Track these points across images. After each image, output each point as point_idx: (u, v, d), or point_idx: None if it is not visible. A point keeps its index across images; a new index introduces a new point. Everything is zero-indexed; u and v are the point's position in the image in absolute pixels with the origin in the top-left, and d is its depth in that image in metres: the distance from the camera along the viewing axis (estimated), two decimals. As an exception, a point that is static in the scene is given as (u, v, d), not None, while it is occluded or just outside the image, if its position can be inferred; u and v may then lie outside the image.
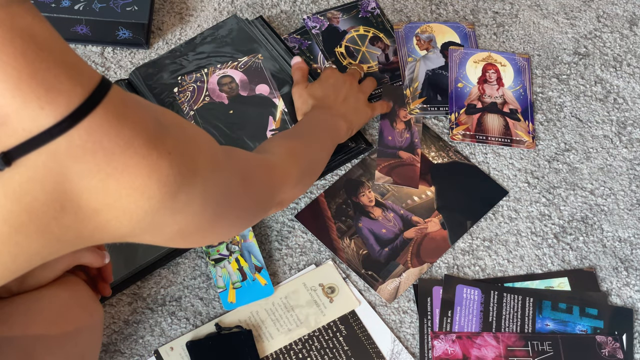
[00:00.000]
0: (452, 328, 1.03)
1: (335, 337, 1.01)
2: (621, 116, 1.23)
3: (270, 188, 0.83)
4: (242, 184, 0.74)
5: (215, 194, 0.66)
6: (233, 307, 1.02)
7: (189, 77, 1.16)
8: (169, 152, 0.58)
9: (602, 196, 1.16)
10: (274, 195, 0.85)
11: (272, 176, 0.84)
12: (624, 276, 1.09)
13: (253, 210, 0.81)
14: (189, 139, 0.62)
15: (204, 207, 0.64)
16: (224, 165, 0.69)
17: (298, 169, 0.91)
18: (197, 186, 0.62)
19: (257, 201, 0.80)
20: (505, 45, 1.29)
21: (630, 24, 1.33)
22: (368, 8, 1.31)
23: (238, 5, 1.30)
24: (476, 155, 1.18)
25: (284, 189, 0.87)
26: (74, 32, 1.20)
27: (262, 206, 0.83)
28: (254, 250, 1.05)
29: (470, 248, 1.10)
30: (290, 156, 0.91)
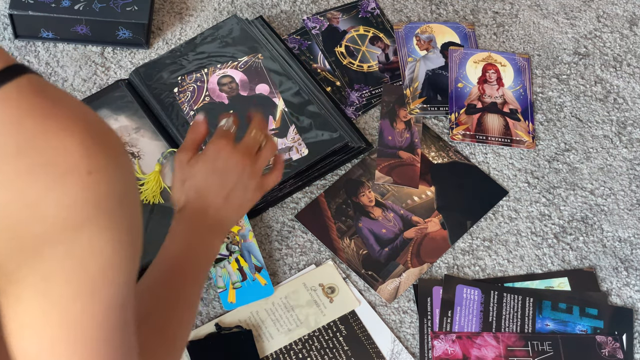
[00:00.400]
0: (452, 328, 1.03)
1: (335, 337, 1.01)
2: (621, 116, 1.23)
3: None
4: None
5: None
6: (233, 307, 1.02)
7: (189, 77, 1.16)
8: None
9: (602, 196, 1.16)
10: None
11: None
12: (624, 276, 1.09)
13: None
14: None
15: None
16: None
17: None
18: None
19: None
20: (505, 45, 1.30)
21: (630, 24, 1.33)
22: (368, 8, 1.31)
23: (238, 5, 1.30)
24: (476, 155, 1.18)
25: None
26: (74, 32, 1.20)
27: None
28: (254, 250, 1.05)
29: (470, 248, 1.10)
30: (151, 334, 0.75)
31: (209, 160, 0.90)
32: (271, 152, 0.95)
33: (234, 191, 0.90)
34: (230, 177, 0.90)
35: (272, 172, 0.95)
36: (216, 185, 0.89)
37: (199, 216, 0.88)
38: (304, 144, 1.12)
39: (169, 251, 0.86)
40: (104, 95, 1.15)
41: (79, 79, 1.19)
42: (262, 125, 0.95)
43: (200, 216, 0.88)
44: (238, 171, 0.90)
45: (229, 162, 0.90)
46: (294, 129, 1.13)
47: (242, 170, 0.90)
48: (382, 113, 1.20)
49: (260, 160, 0.93)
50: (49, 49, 1.22)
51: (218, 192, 0.89)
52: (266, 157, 0.94)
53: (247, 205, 0.92)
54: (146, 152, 1.11)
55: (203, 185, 0.89)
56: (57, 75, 1.20)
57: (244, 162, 0.90)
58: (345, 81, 1.23)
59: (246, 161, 0.91)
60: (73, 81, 1.19)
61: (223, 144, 0.91)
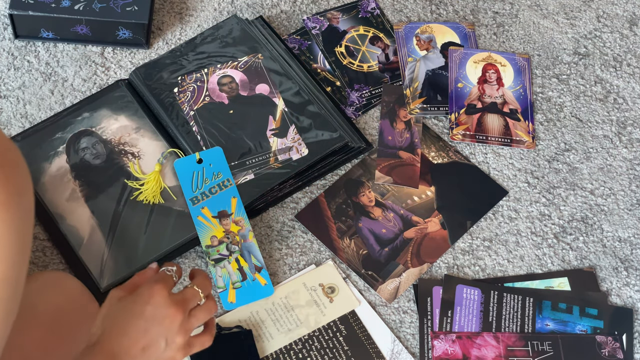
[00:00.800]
0: (452, 328, 1.03)
1: (335, 337, 1.01)
2: (621, 116, 1.23)
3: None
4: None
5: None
6: (233, 307, 1.02)
7: (189, 77, 1.16)
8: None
9: (602, 196, 1.16)
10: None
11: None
12: (624, 276, 1.09)
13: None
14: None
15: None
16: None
17: None
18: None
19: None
20: (505, 45, 1.30)
21: (630, 24, 1.33)
22: (368, 8, 1.31)
23: (238, 5, 1.30)
24: (476, 155, 1.18)
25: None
26: (74, 32, 1.20)
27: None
28: (254, 250, 1.05)
29: (470, 248, 1.10)
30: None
31: (137, 301, 0.81)
32: (208, 313, 0.87)
33: (154, 343, 0.80)
34: (154, 326, 0.80)
35: (203, 334, 0.88)
36: (137, 330, 0.80)
37: (107, 359, 0.78)
38: (304, 144, 1.12)
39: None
40: (104, 95, 1.15)
41: (79, 79, 1.19)
42: (205, 283, 0.87)
43: (107, 357, 0.78)
44: (166, 322, 0.81)
45: (158, 310, 0.81)
46: (294, 129, 1.13)
47: (170, 323, 0.81)
48: (382, 113, 1.20)
49: (194, 319, 0.85)
50: (49, 49, 1.22)
51: (137, 338, 0.80)
52: (201, 317, 0.86)
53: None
54: (146, 152, 1.11)
55: (122, 326, 0.80)
56: (57, 75, 1.20)
57: (174, 315, 0.81)
58: (345, 81, 1.23)
59: (177, 314, 0.82)
60: (73, 81, 1.19)
61: (157, 290, 0.82)
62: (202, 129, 1.12)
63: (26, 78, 1.19)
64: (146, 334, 0.80)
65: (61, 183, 1.08)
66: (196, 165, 1.08)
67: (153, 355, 0.81)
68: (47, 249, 1.05)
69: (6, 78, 1.19)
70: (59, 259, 1.04)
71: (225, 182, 1.08)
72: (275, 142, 1.12)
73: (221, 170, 1.08)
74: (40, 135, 1.11)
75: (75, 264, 1.03)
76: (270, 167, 1.10)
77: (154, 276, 0.86)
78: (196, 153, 1.09)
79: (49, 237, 1.06)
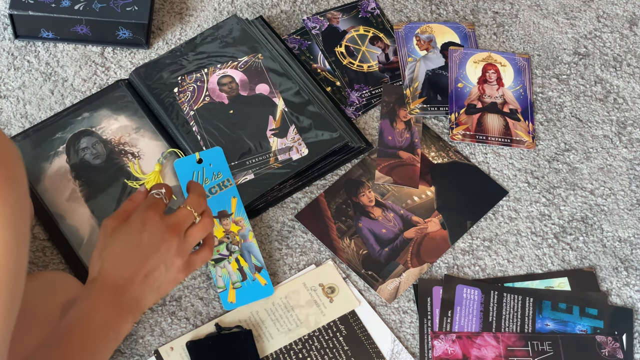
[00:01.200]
0: (452, 328, 1.03)
1: (335, 337, 1.01)
2: (621, 116, 1.23)
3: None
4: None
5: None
6: (233, 307, 1.02)
7: (189, 77, 1.16)
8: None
9: (602, 196, 1.16)
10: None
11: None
12: (624, 276, 1.09)
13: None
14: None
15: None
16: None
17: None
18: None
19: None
20: (505, 45, 1.30)
21: (630, 24, 1.33)
22: (368, 8, 1.31)
23: (238, 5, 1.30)
24: (476, 155, 1.18)
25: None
26: (74, 32, 1.20)
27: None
28: (254, 250, 1.05)
29: (470, 248, 1.10)
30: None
31: (132, 231, 0.82)
32: (204, 231, 0.87)
33: (155, 269, 0.81)
34: (152, 253, 0.81)
35: (201, 250, 0.88)
36: (136, 259, 0.81)
37: (110, 291, 0.79)
38: (304, 144, 1.12)
39: (63, 327, 0.76)
40: (104, 95, 1.15)
41: (79, 79, 1.19)
42: (199, 200, 0.87)
43: (112, 292, 0.79)
44: (163, 248, 0.82)
45: (154, 237, 0.81)
46: (294, 129, 1.13)
47: (167, 248, 0.82)
48: (382, 113, 1.20)
49: (190, 239, 0.85)
50: (49, 49, 1.22)
51: (137, 267, 0.80)
52: (197, 236, 0.86)
53: (169, 287, 0.84)
54: (146, 152, 1.11)
55: (121, 258, 0.81)
56: (57, 75, 1.20)
57: (170, 239, 0.82)
58: (345, 81, 1.23)
59: (173, 238, 0.82)
60: (73, 81, 1.19)
61: (150, 216, 0.82)
62: (202, 129, 1.12)
63: (26, 78, 1.19)
64: (145, 262, 0.81)
65: (61, 183, 1.08)
66: (196, 165, 1.08)
67: (156, 281, 0.82)
68: (47, 249, 1.05)
69: (6, 78, 1.19)
70: (59, 259, 1.04)
71: (225, 182, 1.08)
72: (275, 142, 1.12)
73: (221, 170, 1.08)
74: (40, 135, 1.11)
75: (75, 264, 1.03)
76: (270, 167, 1.10)
77: (144, 202, 0.85)
78: (196, 153, 1.09)
79: (49, 237, 1.06)
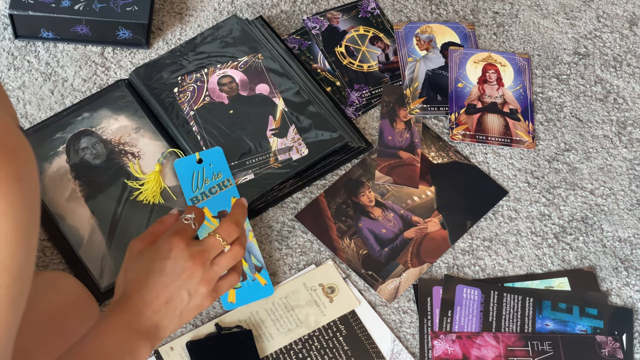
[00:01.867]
0: (452, 328, 1.03)
1: (335, 337, 1.01)
2: (621, 116, 1.23)
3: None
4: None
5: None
6: (233, 307, 1.02)
7: (189, 77, 1.16)
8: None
9: (602, 196, 1.16)
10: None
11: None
12: (624, 276, 1.09)
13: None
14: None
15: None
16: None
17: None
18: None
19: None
20: (505, 45, 1.30)
21: (630, 24, 1.33)
22: (368, 8, 1.31)
23: (238, 5, 1.30)
24: (476, 155, 1.18)
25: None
26: (74, 32, 1.20)
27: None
28: (254, 250, 1.05)
29: (470, 248, 1.10)
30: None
31: (157, 257, 0.81)
32: (233, 260, 0.85)
33: (176, 296, 0.80)
34: (174, 280, 0.80)
35: (228, 275, 0.86)
36: (159, 285, 0.80)
37: (129, 314, 0.78)
38: (304, 144, 1.12)
39: (79, 345, 0.75)
40: (104, 95, 1.15)
41: (79, 79, 1.19)
42: (231, 229, 0.85)
43: (131, 315, 0.78)
44: (185, 276, 0.80)
45: (177, 264, 0.80)
46: (294, 129, 1.13)
47: (189, 276, 0.81)
48: (382, 113, 1.20)
49: (217, 268, 0.83)
50: (49, 49, 1.22)
51: (159, 293, 0.79)
52: (224, 266, 0.84)
53: (191, 314, 0.82)
54: (146, 152, 1.11)
55: (144, 282, 0.80)
56: (57, 75, 1.20)
57: (193, 267, 0.81)
58: (345, 81, 1.23)
59: (197, 267, 0.81)
60: (73, 81, 1.19)
61: (176, 242, 0.81)
62: (202, 129, 1.12)
63: (26, 78, 1.19)
64: (167, 289, 0.80)
65: (61, 183, 1.08)
66: (196, 165, 1.08)
67: (177, 307, 0.81)
68: (47, 249, 1.05)
69: (6, 78, 1.19)
70: (59, 259, 1.04)
71: (225, 182, 1.08)
72: (275, 142, 1.12)
73: (221, 170, 1.08)
74: (40, 135, 1.11)
75: (75, 264, 1.03)
76: (270, 167, 1.10)
77: (172, 226, 0.84)
78: (196, 153, 1.09)
79: (49, 237, 1.06)
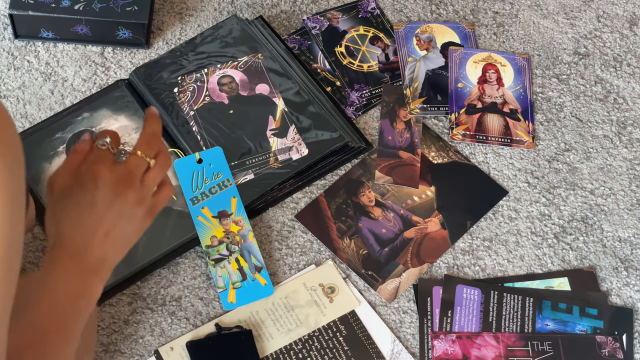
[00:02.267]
0: (452, 328, 1.03)
1: (335, 337, 1.01)
2: (621, 116, 1.23)
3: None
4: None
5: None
6: (233, 307, 1.02)
7: (189, 77, 1.16)
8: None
9: (602, 196, 1.16)
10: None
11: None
12: (624, 276, 1.09)
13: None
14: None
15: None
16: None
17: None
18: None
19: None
20: (505, 45, 1.30)
21: (630, 24, 1.33)
22: (368, 8, 1.31)
23: (238, 5, 1.30)
24: (476, 155, 1.18)
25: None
26: (74, 32, 1.20)
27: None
28: (254, 250, 1.05)
29: (470, 248, 1.10)
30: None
31: (84, 189, 0.75)
32: (161, 171, 0.81)
33: (116, 225, 0.76)
34: (108, 210, 0.75)
35: (160, 190, 0.82)
36: (94, 218, 0.75)
37: (71, 258, 0.74)
38: (304, 144, 1.12)
39: (31, 304, 0.72)
40: (104, 95, 1.15)
41: (79, 79, 1.19)
42: (150, 141, 0.80)
43: (73, 258, 0.74)
44: (117, 203, 0.76)
45: (108, 192, 0.75)
46: (294, 129, 1.13)
47: (122, 202, 0.76)
48: (382, 113, 1.20)
49: (147, 185, 0.79)
50: (49, 49, 1.22)
51: (96, 227, 0.75)
52: (155, 179, 0.80)
53: (133, 238, 0.79)
54: (146, 152, 1.11)
55: (77, 220, 0.75)
56: (57, 75, 1.20)
57: (124, 192, 0.76)
58: (345, 81, 1.23)
59: (127, 190, 0.76)
60: (73, 81, 1.19)
61: (99, 170, 0.76)
62: (202, 129, 1.12)
63: (26, 78, 1.19)
64: (103, 220, 0.75)
65: (61, 183, 1.08)
66: (196, 165, 1.08)
67: (118, 237, 0.77)
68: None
69: (6, 78, 1.19)
70: (59, 259, 1.04)
71: (225, 182, 1.08)
72: (275, 142, 1.12)
73: (221, 170, 1.08)
74: (40, 135, 1.11)
75: (75, 264, 1.03)
76: (270, 167, 1.10)
77: (90, 154, 0.78)
78: (196, 153, 1.09)
79: (49, 237, 1.05)
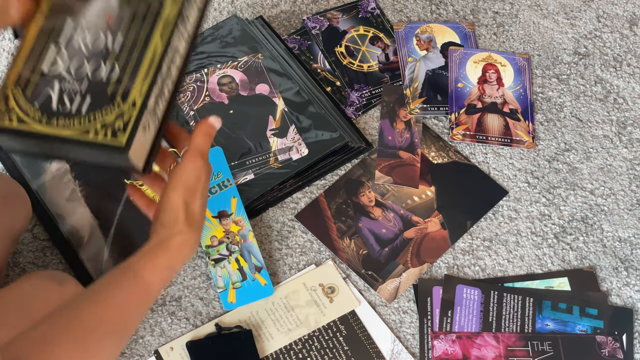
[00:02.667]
0: (452, 328, 1.03)
1: (335, 337, 1.01)
2: (621, 116, 1.23)
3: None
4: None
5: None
6: (233, 307, 1.02)
7: (189, 77, 1.16)
8: None
9: (602, 196, 1.16)
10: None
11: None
12: (624, 276, 1.09)
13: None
14: None
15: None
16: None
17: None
18: None
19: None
20: (505, 45, 1.30)
21: (630, 24, 1.33)
22: (368, 8, 1.31)
23: (238, 5, 1.30)
24: (476, 155, 1.18)
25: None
26: (74, 32, 1.20)
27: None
28: (254, 250, 1.05)
29: (470, 248, 1.10)
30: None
31: (208, 180, 0.75)
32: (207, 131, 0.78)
33: (203, 204, 0.75)
34: (202, 190, 0.75)
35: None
36: (205, 204, 0.75)
37: (191, 228, 0.72)
38: (304, 144, 1.12)
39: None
40: (104, 95, 1.15)
41: (79, 79, 1.19)
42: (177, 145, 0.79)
43: (191, 228, 0.72)
44: (204, 181, 0.75)
45: (203, 172, 0.74)
46: (294, 129, 1.13)
47: (207, 179, 0.75)
48: (382, 113, 1.20)
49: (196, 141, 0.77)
50: (49, 49, 1.22)
51: (192, 212, 0.73)
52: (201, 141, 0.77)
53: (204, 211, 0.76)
54: (146, 152, 1.11)
55: (203, 214, 0.73)
56: (57, 75, 1.20)
57: (208, 167, 0.76)
58: (345, 81, 1.23)
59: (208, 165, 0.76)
60: (73, 81, 1.19)
61: (201, 165, 0.74)
62: (202, 129, 1.11)
63: (26, 78, 1.19)
64: (193, 200, 0.73)
65: (61, 183, 1.08)
66: (196, 165, 1.08)
67: (201, 216, 0.73)
68: (47, 249, 1.05)
69: (6, 78, 1.19)
70: (59, 259, 1.04)
71: (225, 182, 1.08)
72: (275, 142, 1.12)
73: (221, 170, 1.08)
74: (40, 135, 1.11)
75: (75, 264, 1.03)
76: (270, 167, 1.10)
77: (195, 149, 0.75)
78: (196, 153, 1.09)
79: (49, 237, 1.06)
